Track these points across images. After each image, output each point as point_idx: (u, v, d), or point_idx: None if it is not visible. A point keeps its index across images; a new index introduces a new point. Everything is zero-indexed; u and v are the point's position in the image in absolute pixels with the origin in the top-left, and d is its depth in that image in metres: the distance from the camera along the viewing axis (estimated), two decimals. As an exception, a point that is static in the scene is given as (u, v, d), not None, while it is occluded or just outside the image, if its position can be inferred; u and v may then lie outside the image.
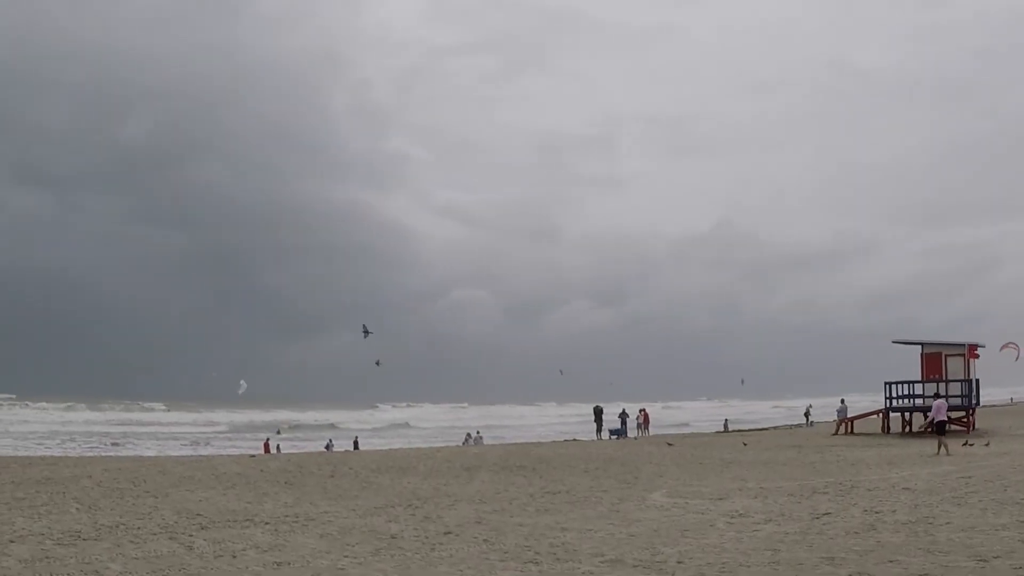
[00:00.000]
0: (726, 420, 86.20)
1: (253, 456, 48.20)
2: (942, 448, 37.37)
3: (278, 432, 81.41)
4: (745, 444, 48.31)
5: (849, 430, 56.51)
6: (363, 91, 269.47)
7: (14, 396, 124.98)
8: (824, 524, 19.11)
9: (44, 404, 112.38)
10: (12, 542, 18.01)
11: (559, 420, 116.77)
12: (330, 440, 71.73)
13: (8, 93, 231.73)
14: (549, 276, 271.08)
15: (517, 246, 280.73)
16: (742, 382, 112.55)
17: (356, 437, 76.81)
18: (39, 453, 59.54)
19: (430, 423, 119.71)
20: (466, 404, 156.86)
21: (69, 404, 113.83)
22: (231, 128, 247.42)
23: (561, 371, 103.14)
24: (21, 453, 57.62)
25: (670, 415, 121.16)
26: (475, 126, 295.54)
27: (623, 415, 66.00)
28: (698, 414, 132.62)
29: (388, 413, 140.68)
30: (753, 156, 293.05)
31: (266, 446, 65.37)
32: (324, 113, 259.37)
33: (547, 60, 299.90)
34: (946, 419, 41.25)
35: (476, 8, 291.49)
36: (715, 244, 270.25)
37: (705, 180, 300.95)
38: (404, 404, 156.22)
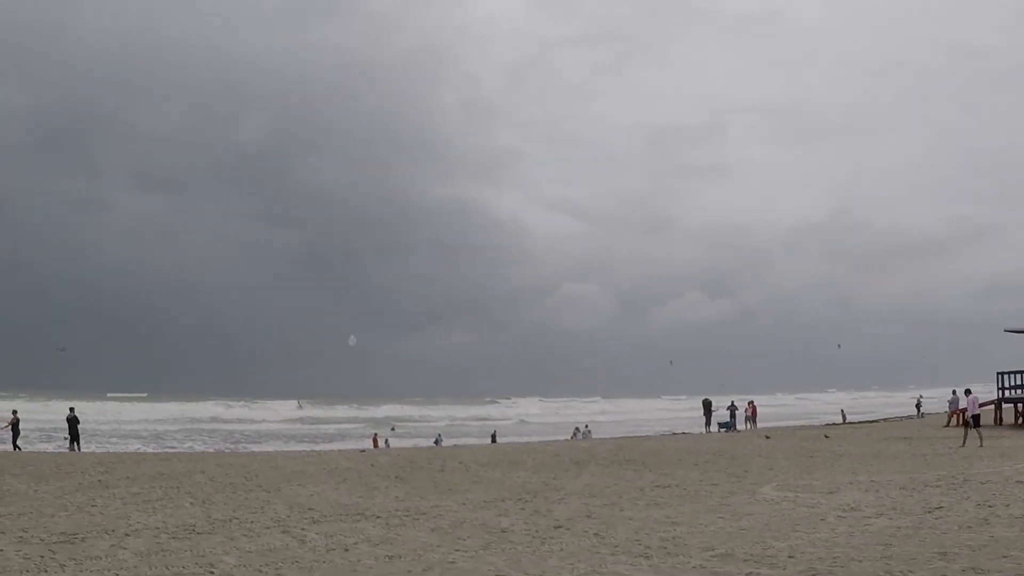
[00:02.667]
0: (843, 411, 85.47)
1: (363, 451, 48.58)
2: (973, 440, 38.88)
3: (392, 429, 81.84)
4: (827, 437, 47.79)
5: (960, 422, 55.74)
6: (471, 87, 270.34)
7: (146, 394, 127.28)
8: (936, 518, 18.92)
9: (173, 402, 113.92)
10: (128, 535, 18.31)
11: (669, 414, 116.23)
12: (439, 435, 72.13)
13: (123, 99, 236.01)
14: (660, 269, 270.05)
15: (628, 239, 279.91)
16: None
17: (494, 431, 77.21)
18: (165, 449, 60.54)
19: (539, 417, 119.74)
20: (575, 398, 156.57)
21: (193, 401, 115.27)
22: (342, 127, 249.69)
23: (671, 362, 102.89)
24: (149, 450, 58.58)
25: (780, 407, 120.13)
26: (584, 119, 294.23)
27: (731, 408, 65.65)
28: (809, 406, 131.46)
29: (497, 407, 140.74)
30: (865, 142, 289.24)
31: (375, 441, 65.84)
32: (433, 110, 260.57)
33: (655, 51, 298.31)
34: (978, 413, 41.20)
35: (583, 0, 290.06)
36: (828, 233, 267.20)
37: (817, 168, 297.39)
38: (514, 398, 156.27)
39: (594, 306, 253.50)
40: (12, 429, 48.69)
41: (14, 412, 50.81)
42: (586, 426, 73.89)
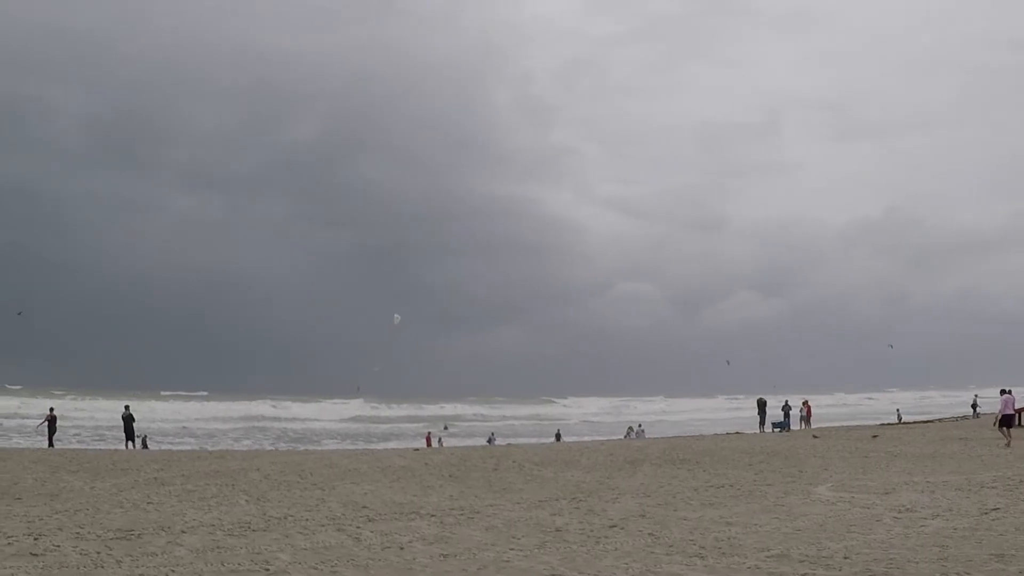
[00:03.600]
0: (898, 411, 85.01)
1: (417, 449, 48.73)
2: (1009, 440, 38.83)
3: (445, 428, 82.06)
4: (875, 437, 47.50)
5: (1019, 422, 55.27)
6: (524, 85, 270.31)
7: (206, 393, 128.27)
8: (993, 520, 18.80)
9: (227, 401, 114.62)
10: (184, 532, 18.44)
11: (723, 413, 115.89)
12: (492, 434, 72.26)
13: (175, 99, 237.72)
14: (713, 267, 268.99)
15: (681, 237, 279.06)
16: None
17: (559, 431, 77.37)
18: (223, 447, 60.99)
19: (597, 416, 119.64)
20: (631, 397, 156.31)
21: (246, 400, 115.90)
22: (394, 126, 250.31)
23: (728, 362, 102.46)
24: (209, 448, 59.01)
25: (837, 407, 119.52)
26: (637, 117, 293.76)
27: (785, 407, 65.36)
28: (867, 406, 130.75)
29: (553, 407, 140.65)
30: (920, 139, 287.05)
31: (428, 439, 66.02)
32: (486, 108, 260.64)
33: (708, 48, 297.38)
34: (1013, 413, 41.19)
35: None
36: (882, 231, 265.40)
37: (871, 165, 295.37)
38: (570, 397, 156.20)
39: (647, 305, 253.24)
40: (49, 426, 49.22)
41: (51, 410, 51.40)
42: (639, 425, 73.86)
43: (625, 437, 66.32)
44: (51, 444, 48.60)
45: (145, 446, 55.01)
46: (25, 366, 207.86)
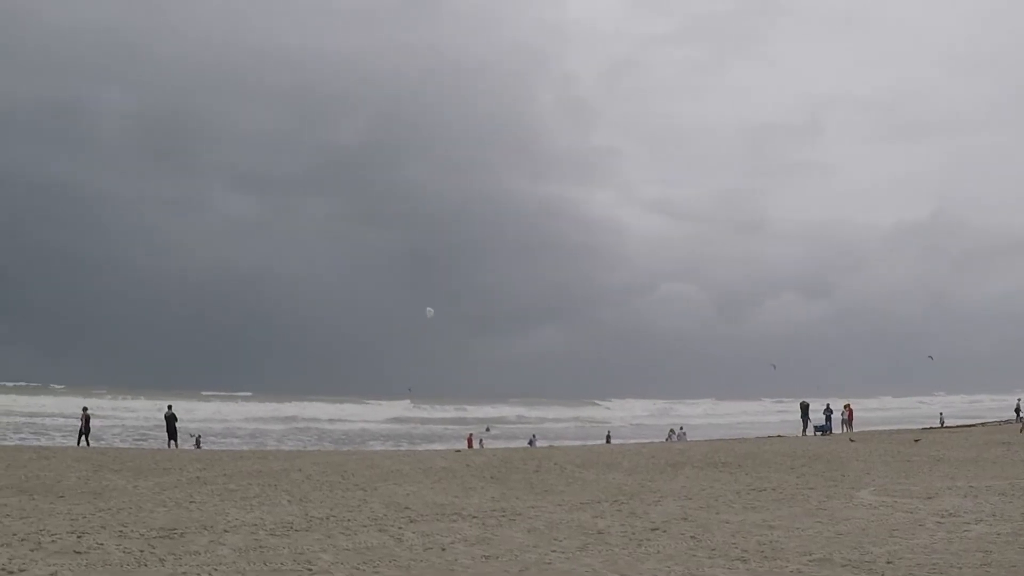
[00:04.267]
0: (941, 414, 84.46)
1: (458, 451, 48.78)
2: None
3: (487, 430, 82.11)
4: (917, 440, 47.21)
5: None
6: (569, 86, 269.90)
7: (250, 393, 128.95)
8: (1037, 525, 18.70)
9: (270, 402, 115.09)
10: (226, 532, 18.53)
11: (765, 416, 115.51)
12: (533, 435, 72.25)
13: (221, 100, 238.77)
14: (757, 268, 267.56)
15: (725, 238, 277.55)
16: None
17: (608, 432, 77.31)
18: (268, 447, 61.28)
19: (635, 419, 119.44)
20: (671, 399, 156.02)
21: (288, 401, 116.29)
22: (438, 127, 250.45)
23: (774, 366, 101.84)
24: (247, 448, 59.28)
25: (880, 411, 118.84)
26: (680, 117, 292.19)
27: (827, 411, 65.01)
28: (911, 410, 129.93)
29: (591, 409, 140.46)
30: (967, 139, 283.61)
31: (469, 441, 66.06)
32: (530, 109, 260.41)
33: (752, 47, 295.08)
34: None
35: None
36: (928, 232, 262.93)
37: (917, 166, 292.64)
38: (611, 399, 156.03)
39: (689, 306, 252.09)
40: (84, 425, 49.55)
41: (84, 409, 51.73)
42: (681, 428, 73.66)
43: (666, 440, 66.17)
44: (87, 443, 48.87)
45: (198, 446, 55.61)
46: (68, 366, 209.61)
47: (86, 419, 50.01)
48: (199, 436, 60.80)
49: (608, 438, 71.05)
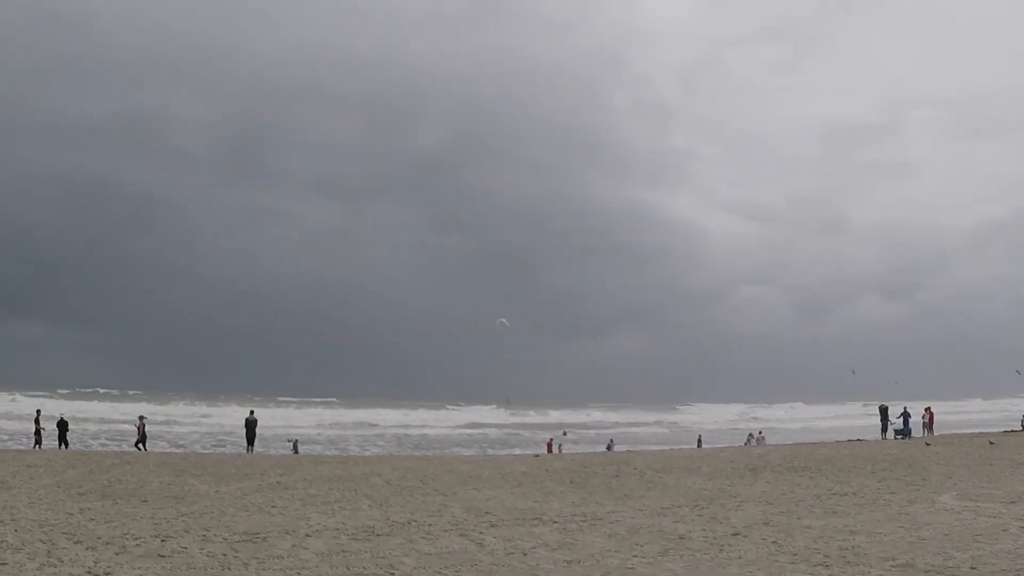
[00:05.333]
0: (1023, 418, 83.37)
1: (537, 456, 48.84)
2: None
3: (564, 434, 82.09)
4: (992, 443, 46.61)
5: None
6: (645, 87, 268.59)
7: (335, 399, 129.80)
8: (1123, 530, 18.50)
9: (363, 409, 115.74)
10: (308, 536, 18.75)
11: (844, 420, 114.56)
12: (611, 440, 72.13)
13: (299, 107, 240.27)
14: (837, 270, 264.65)
15: (804, 240, 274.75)
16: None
17: (700, 435, 77.14)
18: (347, 453, 61.64)
19: (714, 423, 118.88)
20: (751, 403, 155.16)
21: (369, 407, 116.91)
22: (515, 131, 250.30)
23: (854, 371, 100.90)
24: (330, 453, 59.66)
25: (965, 414, 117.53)
26: (758, 118, 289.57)
27: (904, 414, 64.40)
28: (998, 412, 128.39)
29: (671, 413, 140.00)
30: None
31: (549, 446, 66.03)
32: (606, 112, 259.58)
33: (830, 45, 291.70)
34: None
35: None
36: (1011, 232, 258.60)
37: (1000, 163, 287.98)
38: (692, 404, 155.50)
39: (769, 309, 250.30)
40: (140, 433, 50.20)
41: (141, 418, 52.40)
42: (759, 432, 73.30)
43: (745, 444, 65.91)
44: (143, 448, 49.50)
45: (296, 450, 56.47)
46: (149, 373, 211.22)
47: (142, 427, 50.73)
48: (296, 441, 61.69)
49: (699, 442, 70.82)
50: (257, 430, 52.50)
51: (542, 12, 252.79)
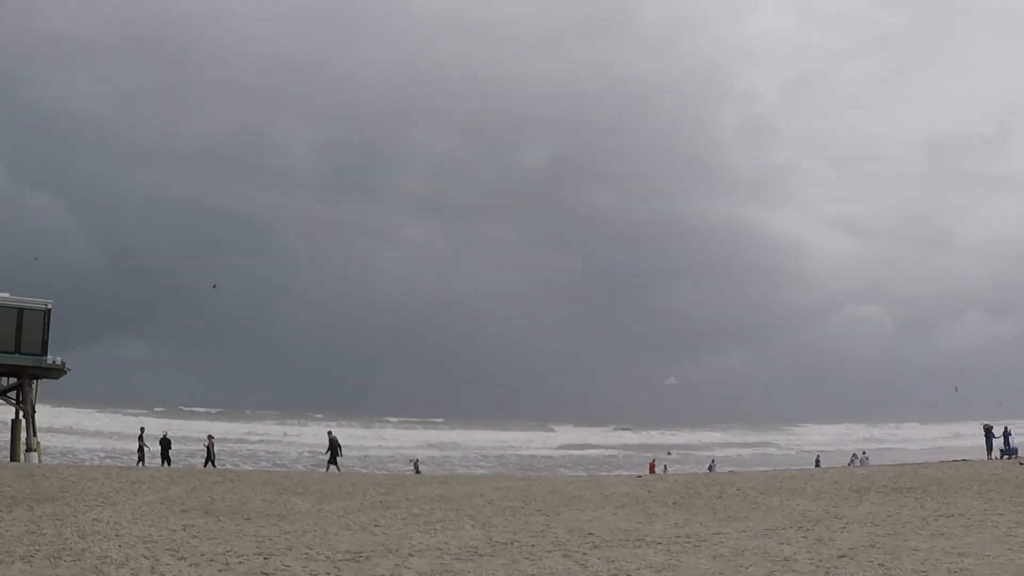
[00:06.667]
0: None
1: (639, 476, 48.75)
2: None
3: (668, 454, 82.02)
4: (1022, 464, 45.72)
5: None
6: (749, 104, 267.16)
7: (441, 420, 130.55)
8: None
9: (467, 429, 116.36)
10: (411, 555, 18.81)
11: (951, 440, 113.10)
12: (712, 460, 71.96)
13: (403, 128, 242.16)
14: (942, 286, 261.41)
15: (909, 256, 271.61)
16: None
17: (817, 456, 76.53)
18: (448, 472, 62.12)
19: (817, 444, 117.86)
20: (855, 423, 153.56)
21: (470, 429, 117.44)
22: (619, 149, 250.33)
23: (956, 388, 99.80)
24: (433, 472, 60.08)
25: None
26: (863, 132, 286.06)
27: (1006, 433, 63.44)
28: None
29: (775, 433, 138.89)
30: None
31: (652, 467, 65.97)
32: (709, 128, 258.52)
33: (935, 57, 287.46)
34: None
35: (860, 8, 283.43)
36: None
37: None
38: (800, 424, 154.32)
39: (874, 327, 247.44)
40: (208, 451, 50.96)
41: (210, 437, 53.34)
42: (863, 452, 72.72)
43: (849, 464, 65.36)
44: (213, 465, 50.20)
45: (417, 471, 57.15)
46: (251, 391, 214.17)
47: (211, 446, 51.58)
48: (417, 461, 62.41)
49: (817, 461, 70.19)
50: (342, 451, 53.19)
51: (647, 29, 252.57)
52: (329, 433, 53.76)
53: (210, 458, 50.77)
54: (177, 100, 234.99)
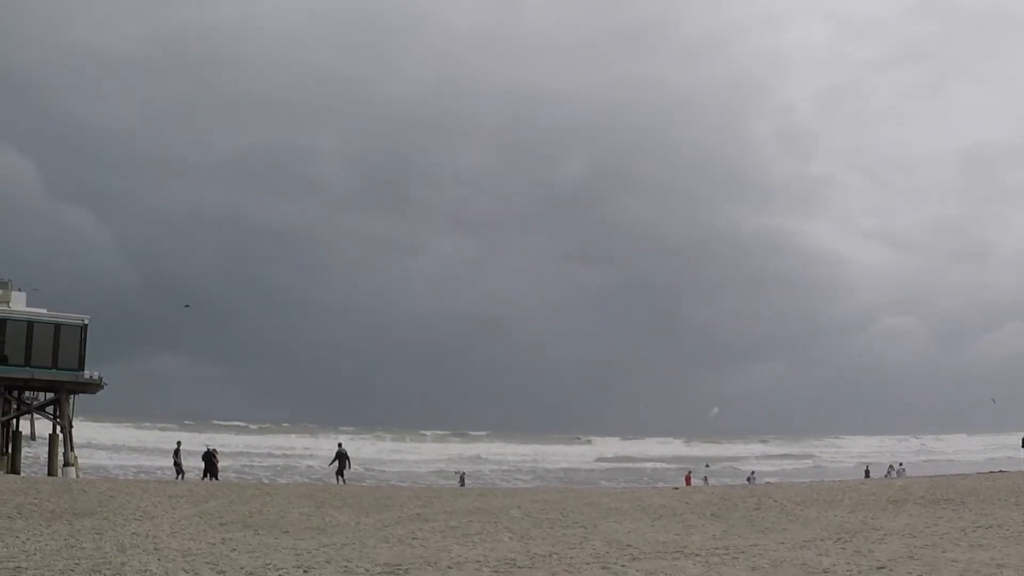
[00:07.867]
0: None
1: (676, 488, 48.68)
2: None
3: (707, 466, 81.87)
4: None
5: None
6: (785, 115, 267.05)
7: (485, 432, 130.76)
8: None
9: (504, 442, 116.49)
10: (450, 568, 18.84)
11: (988, 452, 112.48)
12: (752, 472, 71.73)
13: (436, 141, 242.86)
14: (978, 298, 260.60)
15: (946, 268, 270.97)
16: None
17: (867, 466, 76.26)
18: (485, 485, 62.24)
19: (856, 455, 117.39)
20: (893, 435, 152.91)
21: (505, 442, 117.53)
22: (654, 161, 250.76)
23: (993, 400, 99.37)
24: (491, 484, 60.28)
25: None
26: (899, 143, 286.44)
27: (1030, 443, 63.08)
28: None
29: (814, 445, 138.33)
30: None
31: (688, 479, 65.86)
32: (746, 140, 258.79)
33: (970, 68, 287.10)
34: None
35: (895, 20, 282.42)
36: None
37: None
38: (840, 436, 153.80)
39: (911, 339, 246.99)
40: (208, 464, 50.97)
41: (213, 449, 53.40)
42: (900, 464, 72.47)
43: (886, 476, 65.13)
44: (214, 478, 50.27)
45: (462, 483, 57.43)
46: (286, 404, 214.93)
47: (211, 453, 51.70)
48: (463, 473, 62.58)
49: (867, 472, 69.90)
50: (351, 463, 53.54)
51: (682, 41, 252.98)
52: (339, 445, 53.93)
53: (211, 472, 50.70)
54: (211, 114, 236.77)
